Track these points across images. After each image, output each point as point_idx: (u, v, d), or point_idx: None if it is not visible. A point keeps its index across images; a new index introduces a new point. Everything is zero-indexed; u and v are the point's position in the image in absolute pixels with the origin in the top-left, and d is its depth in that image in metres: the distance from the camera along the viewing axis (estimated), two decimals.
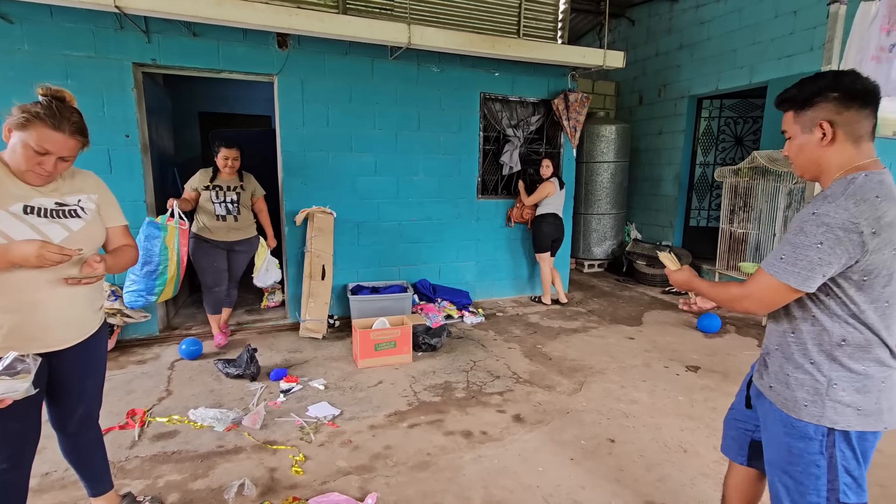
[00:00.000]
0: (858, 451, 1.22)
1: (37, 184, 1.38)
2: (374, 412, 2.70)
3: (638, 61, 6.68)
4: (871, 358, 1.20)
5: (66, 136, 1.36)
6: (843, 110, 1.16)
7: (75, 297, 1.46)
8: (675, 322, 4.42)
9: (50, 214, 1.40)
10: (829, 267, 1.13)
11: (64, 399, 1.54)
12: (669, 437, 2.48)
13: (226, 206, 3.49)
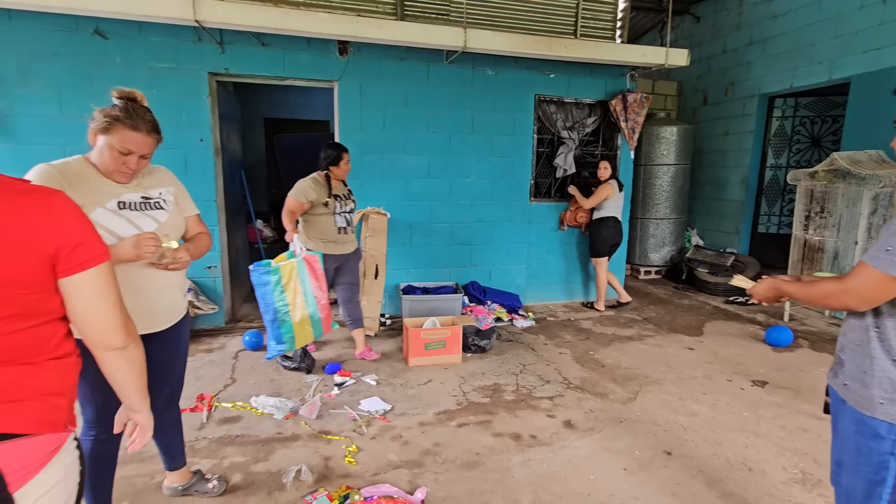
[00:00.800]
0: None
1: (123, 181, 1.52)
2: (423, 409, 2.74)
3: (703, 59, 6.38)
4: None
5: (144, 136, 1.47)
6: None
7: (170, 283, 1.60)
8: (739, 333, 4.17)
9: (139, 207, 1.54)
10: None
11: (154, 378, 1.67)
12: (732, 454, 2.34)
13: (345, 216, 3.22)
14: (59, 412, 0.89)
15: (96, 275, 0.90)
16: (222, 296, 4.08)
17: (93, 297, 0.91)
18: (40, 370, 0.87)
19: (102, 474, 1.60)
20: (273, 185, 6.98)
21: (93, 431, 1.54)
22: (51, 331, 0.89)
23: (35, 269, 0.82)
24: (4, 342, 0.82)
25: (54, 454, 0.87)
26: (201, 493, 1.93)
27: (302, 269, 2.60)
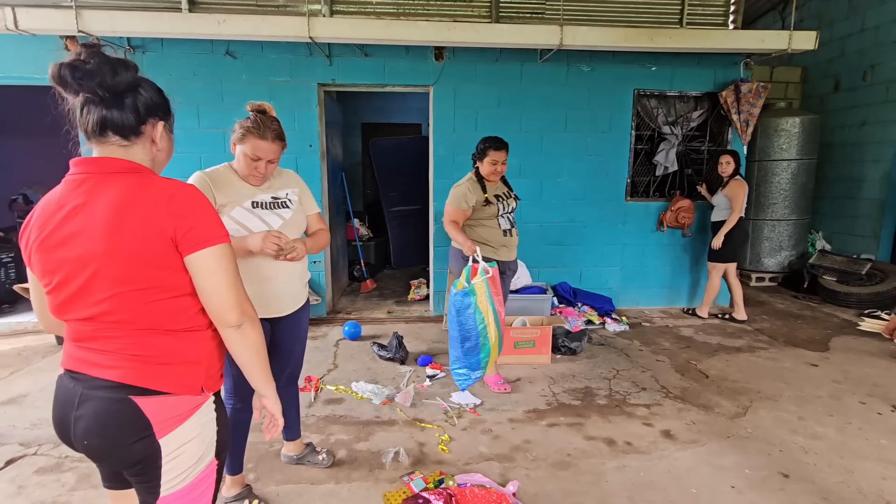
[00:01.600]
0: None
1: (256, 184, 1.74)
2: (513, 407, 2.76)
3: (834, 41, 5.65)
4: None
5: (270, 143, 1.67)
6: None
7: (293, 274, 1.81)
8: (877, 352, 3.64)
9: (269, 206, 1.75)
10: None
11: (277, 358, 1.91)
12: (866, 484, 2.07)
13: (507, 217, 2.87)
14: (195, 377, 1.04)
15: (210, 255, 0.99)
16: (325, 288, 4.43)
17: (208, 274, 0.99)
18: (179, 339, 1.02)
19: (237, 439, 1.84)
20: (368, 186, 7.41)
21: (231, 401, 1.78)
22: (184, 304, 1.02)
23: (160, 247, 0.96)
24: (146, 311, 0.98)
25: (193, 412, 1.02)
26: (313, 464, 2.14)
27: (486, 286, 2.39)
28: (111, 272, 0.95)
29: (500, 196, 2.84)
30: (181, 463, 1.02)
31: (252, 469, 2.14)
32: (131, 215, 0.94)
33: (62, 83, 0.93)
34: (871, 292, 4.63)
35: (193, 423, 1.03)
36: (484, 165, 2.79)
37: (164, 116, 1.06)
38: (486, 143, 2.73)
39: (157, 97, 1.05)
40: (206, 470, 1.07)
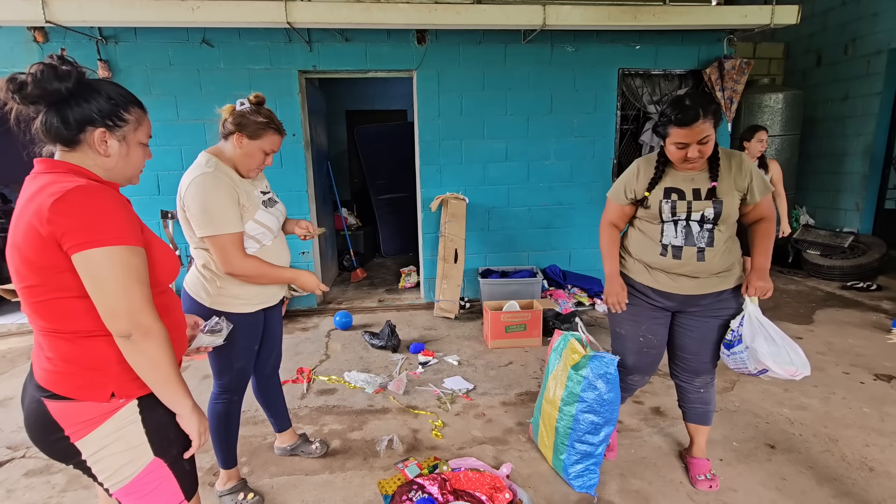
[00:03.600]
0: None
1: (253, 177, 1.71)
2: (505, 390, 2.78)
3: (816, 15, 5.65)
4: None
5: (282, 137, 1.70)
6: None
7: (288, 261, 1.82)
8: (859, 322, 3.72)
9: (268, 203, 1.74)
10: None
11: (267, 344, 1.90)
12: (850, 452, 2.13)
13: (688, 227, 1.70)
14: (100, 385, 1.00)
15: (95, 257, 0.93)
16: None
17: (90, 277, 0.93)
18: (77, 344, 0.99)
19: (228, 432, 1.83)
20: (354, 174, 7.34)
21: (227, 394, 1.77)
22: (76, 307, 0.97)
23: (38, 243, 0.92)
24: (41, 310, 0.97)
25: (106, 418, 1.00)
26: (306, 454, 2.14)
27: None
28: (13, 267, 0.97)
29: (681, 192, 1.71)
30: (110, 464, 1.02)
31: (246, 462, 2.14)
32: (25, 212, 0.95)
33: (7, 95, 0.96)
34: (853, 265, 4.72)
35: (109, 428, 1.00)
36: (669, 146, 1.75)
37: (105, 124, 1.01)
38: (671, 115, 1.61)
39: (101, 104, 1.00)
40: (148, 469, 1.05)
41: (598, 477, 1.90)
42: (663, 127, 1.64)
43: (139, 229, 1.02)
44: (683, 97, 1.62)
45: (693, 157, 1.62)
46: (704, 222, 1.67)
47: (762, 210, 1.75)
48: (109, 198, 0.98)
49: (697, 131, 1.57)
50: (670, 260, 1.73)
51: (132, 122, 1.06)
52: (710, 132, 1.59)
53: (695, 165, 1.68)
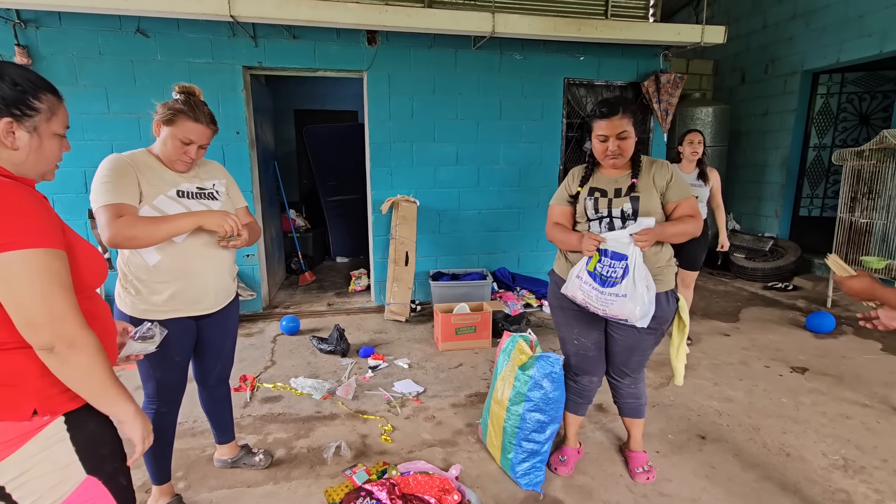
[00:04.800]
0: None
1: (183, 170, 1.62)
2: (455, 392, 2.80)
3: (741, 36, 6.12)
4: None
5: (204, 127, 1.58)
6: None
7: (224, 267, 1.71)
8: (778, 320, 4.05)
9: (195, 196, 1.63)
10: None
11: (208, 356, 1.80)
12: (770, 439, 2.31)
13: (611, 224, 1.82)
14: (17, 402, 0.91)
15: (7, 263, 0.85)
16: (260, 283, 4.24)
17: (3, 286, 0.85)
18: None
19: (160, 446, 1.72)
20: (303, 175, 7.15)
21: (153, 405, 1.66)
22: None
23: None
24: None
25: (28, 437, 0.90)
26: (249, 466, 2.06)
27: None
28: None
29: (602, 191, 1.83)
30: (35, 488, 0.91)
31: (182, 477, 2.02)
32: None
33: None
34: (773, 267, 5.14)
35: (32, 448, 0.91)
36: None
37: (11, 113, 0.92)
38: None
39: (4, 91, 0.91)
40: (81, 489, 0.97)
41: (543, 474, 1.95)
42: (590, 121, 1.83)
43: (59, 230, 0.93)
44: (608, 97, 1.79)
45: (613, 151, 1.76)
46: (625, 219, 1.77)
47: (685, 210, 1.79)
48: (23, 195, 0.89)
49: (616, 125, 1.73)
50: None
51: (44, 112, 0.96)
52: (628, 128, 1.74)
53: (616, 163, 1.80)
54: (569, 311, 1.91)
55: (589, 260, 1.75)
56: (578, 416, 2.11)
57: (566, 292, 1.80)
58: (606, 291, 1.69)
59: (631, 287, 1.64)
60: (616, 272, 1.68)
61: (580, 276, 1.76)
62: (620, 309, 1.67)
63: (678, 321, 1.96)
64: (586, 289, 1.74)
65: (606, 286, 1.70)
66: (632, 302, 1.64)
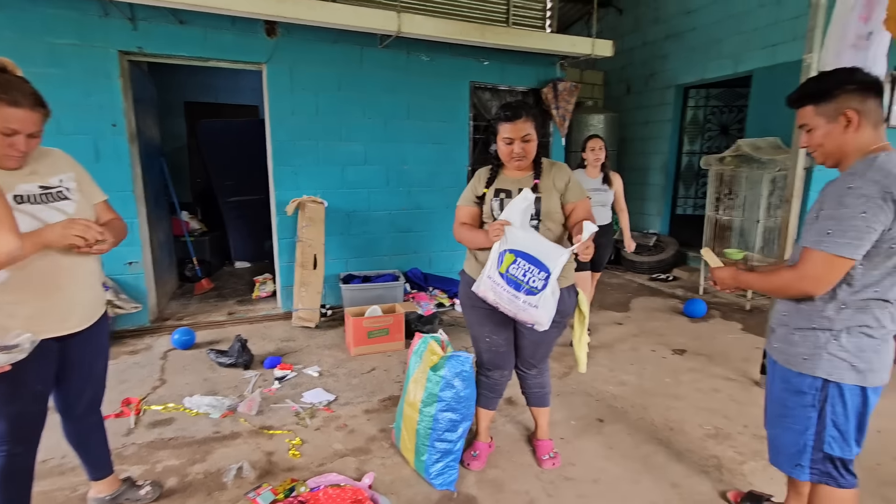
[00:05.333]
0: (850, 407, 1.34)
1: (14, 166, 1.33)
2: (368, 397, 2.74)
3: (626, 51, 6.73)
4: (874, 318, 1.30)
5: (28, 111, 1.28)
6: (864, 99, 1.28)
7: (91, 279, 1.48)
8: (662, 307, 4.52)
9: (41, 200, 1.37)
10: (874, 234, 1.21)
11: (75, 382, 1.55)
12: (657, 417, 2.56)
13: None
14: None
15: None
16: (146, 293, 3.81)
17: None
18: None
19: (18, 491, 1.46)
20: (198, 174, 6.56)
21: (5, 446, 1.41)
22: None
23: None
24: None
25: None
26: (133, 501, 1.82)
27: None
28: None
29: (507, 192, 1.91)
30: None
31: None
32: None
33: None
34: (656, 260, 5.72)
35: None
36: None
37: None
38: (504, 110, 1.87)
39: None
40: None
41: (457, 472, 1.98)
42: (495, 123, 1.88)
43: None
44: (511, 101, 1.87)
45: (518, 154, 1.82)
46: (529, 219, 1.81)
47: (581, 213, 1.86)
48: None
49: (520, 128, 1.80)
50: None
51: None
52: (531, 131, 1.82)
53: (521, 164, 1.88)
54: (480, 309, 1.95)
55: (501, 261, 1.75)
56: (490, 411, 2.16)
57: (477, 290, 1.82)
58: (522, 297, 1.70)
59: (546, 298, 1.68)
60: (536, 282, 1.68)
61: (491, 277, 1.77)
62: (530, 316, 1.71)
63: (578, 313, 2.08)
64: (498, 290, 1.75)
65: (523, 292, 1.69)
66: (543, 310, 1.68)
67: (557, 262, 1.67)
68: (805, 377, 1.38)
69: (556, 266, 1.67)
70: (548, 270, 1.67)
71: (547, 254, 1.69)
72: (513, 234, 1.73)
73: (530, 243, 1.71)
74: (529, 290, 1.69)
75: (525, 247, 1.71)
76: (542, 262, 1.69)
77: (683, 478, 2.06)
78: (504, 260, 1.74)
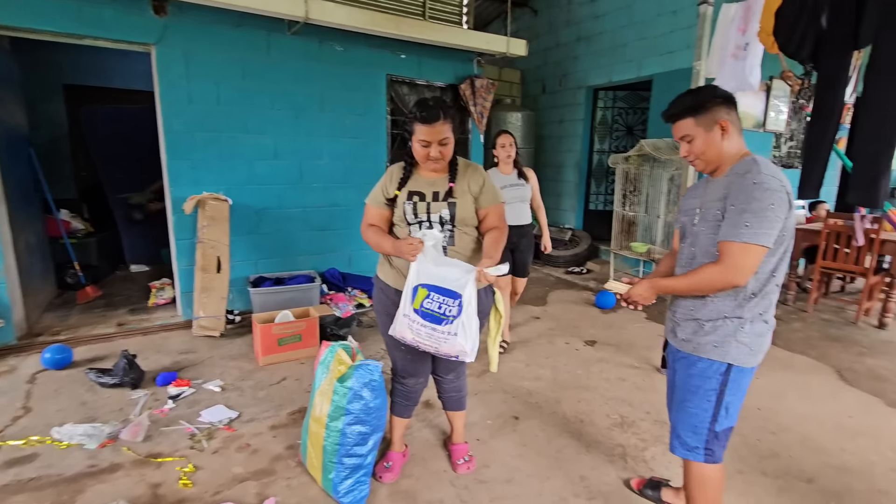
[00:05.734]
0: (741, 386, 1.49)
1: None
2: (276, 411, 2.55)
3: (540, 51, 6.92)
4: (767, 304, 1.45)
5: None
6: (730, 110, 1.45)
7: None
8: (576, 300, 4.71)
9: None
10: (780, 223, 1.33)
11: None
12: (568, 410, 2.64)
13: (431, 228, 1.82)
14: None
15: None
16: (10, 306, 3.28)
17: None
18: None
19: None
20: (82, 167, 5.81)
21: None
22: None
23: None
24: None
25: None
26: None
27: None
28: None
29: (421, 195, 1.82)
30: None
31: None
32: None
33: None
34: (572, 254, 5.98)
35: None
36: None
37: None
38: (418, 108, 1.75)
39: None
40: None
41: (368, 488, 1.88)
42: (410, 124, 1.74)
43: None
44: (427, 99, 1.75)
45: (435, 157, 1.71)
46: (444, 223, 1.77)
47: (493, 220, 1.83)
48: None
49: (438, 130, 1.68)
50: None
51: None
52: (448, 134, 1.72)
53: (437, 167, 1.77)
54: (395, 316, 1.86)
55: (414, 296, 1.67)
56: (405, 419, 2.09)
57: (394, 333, 1.73)
58: (440, 329, 1.64)
59: (463, 324, 1.62)
60: (450, 309, 1.63)
61: (407, 315, 1.69)
62: (452, 347, 1.64)
63: (494, 312, 2.06)
64: (415, 328, 1.67)
65: (439, 323, 1.64)
66: (463, 338, 1.62)
67: (466, 286, 1.63)
68: (713, 363, 1.47)
69: (466, 288, 1.62)
70: (459, 295, 1.63)
71: (457, 280, 1.64)
72: (424, 268, 1.66)
73: (442, 274, 1.65)
74: (446, 319, 1.63)
75: (437, 279, 1.65)
76: (453, 291, 1.63)
77: (591, 469, 2.13)
78: (417, 295, 1.67)
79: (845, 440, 2.39)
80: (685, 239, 1.60)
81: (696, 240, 1.52)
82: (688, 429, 1.55)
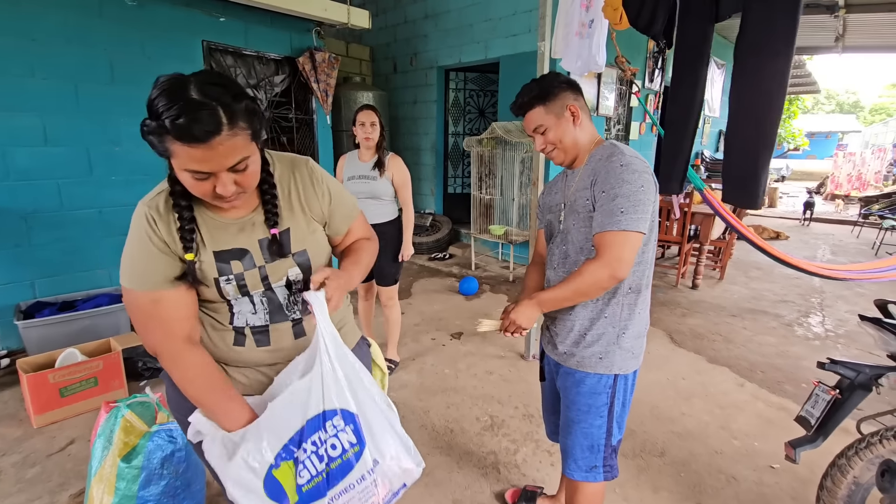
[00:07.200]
0: (628, 393, 1.38)
1: None
2: (52, 496, 1.87)
3: (388, 27, 6.55)
4: (644, 300, 1.35)
5: None
6: (577, 96, 1.36)
7: None
8: (440, 288, 4.58)
9: None
10: (651, 206, 1.24)
11: None
12: (437, 419, 2.43)
13: (271, 294, 1.14)
14: None
15: None
16: None
17: None
18: None
19: None
20: None
21: None
22: None
23: None
24: None
25: None
26: None
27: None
28: None
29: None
30: None
31: None
32: None
33: None
34: (434, 240, 5.85)
35: None
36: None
37: None
38: None
39: None
40: None
41: None
42: (158, 138, 0.86)
43: None
44: (183, 85, 0.85)
45: (227, 194, 0.92)
46: (293, 287, 1.09)
47: (357, 235, 1.25)
48: None
49: (219, 151, 0.86)
50: (254, 350, 1.09)
51: None
52: (247, 152, 0.91)
53: (237, 203, 1.00)
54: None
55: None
56: None
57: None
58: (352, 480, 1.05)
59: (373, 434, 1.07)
60: (347, 439, 1.03)
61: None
62: (386, 487, 1.12)
63: (376, 369, 1.49)
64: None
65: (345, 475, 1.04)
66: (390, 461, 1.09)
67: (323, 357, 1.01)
68: (601, 377, 1.34)
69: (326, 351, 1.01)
70: (342, 410, 1.03)
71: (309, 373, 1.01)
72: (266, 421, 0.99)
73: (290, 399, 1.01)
74: (350, 459, 1.04)
75: (290, 417, 1.00)
76: (331, 410, 1.03)
77: (464, 489, 1.95)
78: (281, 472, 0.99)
79: (683, 404, 2.60)
80: (553, 239, 1.44)
81: (567, 237, 1.36)
82: (584, 450, 1.39)
